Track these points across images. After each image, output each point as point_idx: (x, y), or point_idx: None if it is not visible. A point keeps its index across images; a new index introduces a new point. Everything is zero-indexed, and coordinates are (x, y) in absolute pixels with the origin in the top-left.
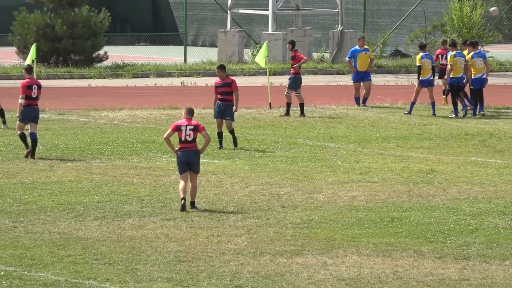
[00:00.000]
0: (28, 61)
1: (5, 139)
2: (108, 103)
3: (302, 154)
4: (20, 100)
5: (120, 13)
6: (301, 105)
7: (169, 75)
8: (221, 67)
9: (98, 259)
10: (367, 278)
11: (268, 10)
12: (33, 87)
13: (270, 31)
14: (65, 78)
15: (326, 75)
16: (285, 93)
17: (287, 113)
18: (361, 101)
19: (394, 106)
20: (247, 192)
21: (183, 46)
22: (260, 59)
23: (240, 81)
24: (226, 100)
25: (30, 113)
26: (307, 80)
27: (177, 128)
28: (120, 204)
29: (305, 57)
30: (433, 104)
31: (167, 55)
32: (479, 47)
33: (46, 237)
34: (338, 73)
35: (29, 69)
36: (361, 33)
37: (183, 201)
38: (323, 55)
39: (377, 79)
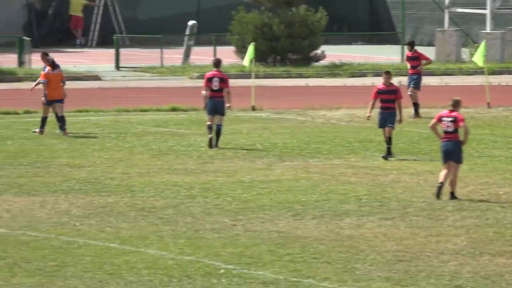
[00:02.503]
0: (246, 61)
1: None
2: (326, 102)
3: None
4: (203, 92)
5: (337, 13)
6: (415, 105)
7: None
8: (388, 73)
9: (317, 258)
10: None
11: (486, 9)
12: (214, 80)
13: (488, 30)
14: (282, 78)
15: None
16: (411, 93)
17: (417, 114)
18: None
19: None
20: (466, 192)
21: (400, 46)
22: (478, 58)
23: (458, 80)
24: (388, 108)
25: (213, 105)
26: None
27: (440, 119)
28: (338, 203)
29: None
30: None
31: (384, 54)
32: None
33: (265, 236)
34: None
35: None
36: None
37: (440, 185)
38: None
39: None
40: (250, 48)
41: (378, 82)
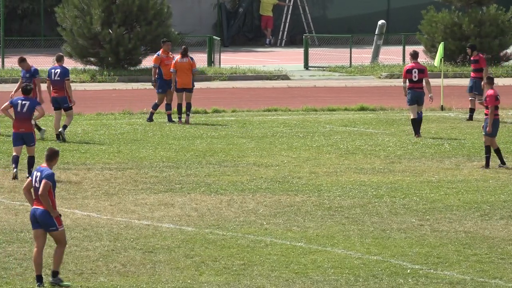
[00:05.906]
0: (436, 60)
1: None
2: None
3: None
4: (403, 84)
5: None
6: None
7: None
8: None
9: (504, 258)
10: None
11: None
12: (413, 71)
13: None
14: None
15: None
16: (470, 98)
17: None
18: None
19: None
20: None
21: None
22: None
23: None
24: None
25: (414, 96)
26: None
27: None
28: None
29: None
30: None
31: None
32: None
33: (452, 236)
34: None
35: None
36: None
37: None
38: None
39: None
40: (440, 48)
41: None
